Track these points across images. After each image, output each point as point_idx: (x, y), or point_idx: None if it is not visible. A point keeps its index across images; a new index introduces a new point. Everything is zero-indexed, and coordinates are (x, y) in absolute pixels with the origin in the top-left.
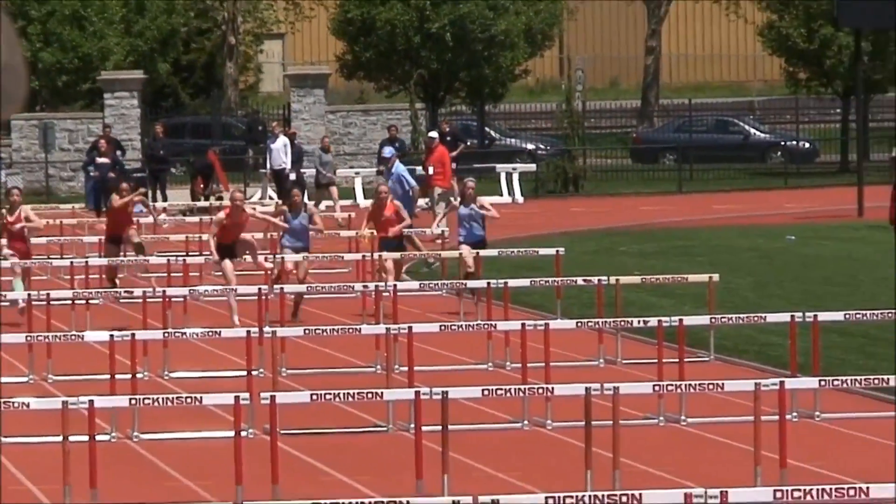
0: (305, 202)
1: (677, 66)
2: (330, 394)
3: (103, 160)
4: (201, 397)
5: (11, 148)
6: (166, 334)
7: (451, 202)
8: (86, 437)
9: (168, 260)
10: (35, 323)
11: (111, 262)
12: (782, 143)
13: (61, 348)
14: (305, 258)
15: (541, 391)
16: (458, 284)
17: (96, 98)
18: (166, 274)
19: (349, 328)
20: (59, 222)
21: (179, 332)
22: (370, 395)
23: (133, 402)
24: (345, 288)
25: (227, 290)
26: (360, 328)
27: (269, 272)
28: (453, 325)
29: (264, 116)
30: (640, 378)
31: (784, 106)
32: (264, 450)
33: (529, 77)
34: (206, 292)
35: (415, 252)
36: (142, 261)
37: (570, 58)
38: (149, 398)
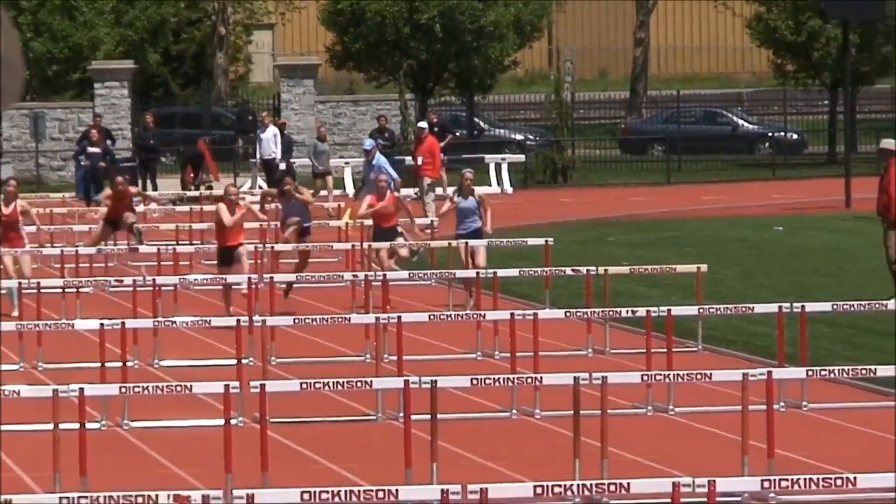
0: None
1: (666, 57)
2: (319, 382)
3: (94, 150)
4: (191, 386)
5: (2, 137)
6: (156, 323)
7: (451, 199)
8: (76, 425)
9: (158, 249)
10: (26, 311)
11: (100, 236)
12: (770, 134)
13: (52, 336)
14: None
15: (529, 380)
16: (447, 274)
17: (87, 88)
18: (156, 263)
19: (339, 317)
20: (50, 211)
21: (169, 321)
22: (359, 384)
23: (123, 390)
24: (334, 277)
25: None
26: (350, 317)
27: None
28: (442, 314)
29: (254, 106)
30: (628, 368)
31: (772, 97)
32: (254, 438)
33: (518, 68)
34: (196, 281)
35: (403, 243)
36: (134, 245)
37: (559, 49)
38: (139, 386)
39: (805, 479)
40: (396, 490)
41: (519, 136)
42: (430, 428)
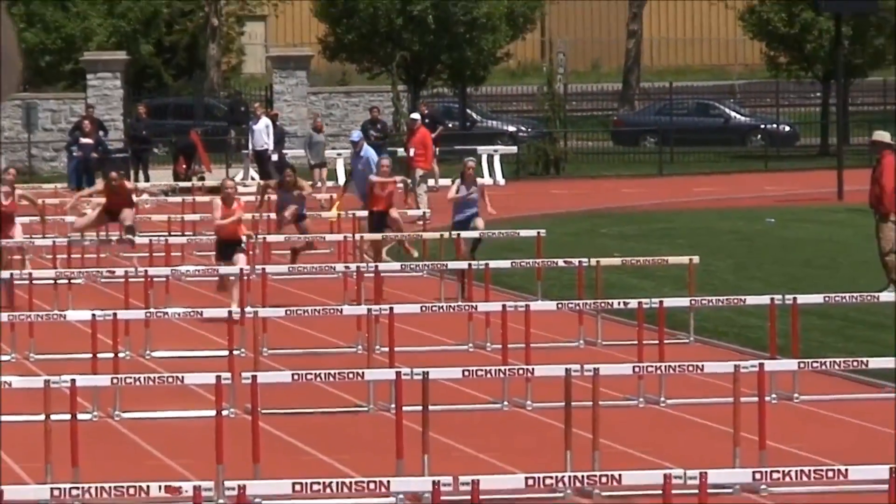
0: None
1: (658, 49)
2: (311, 374)
3: (86, 140)
4: (183, 377)
5: (1, 130)
6: (148, 314)
7: (454, 193)
8: (68, 416)
9: (150, 240)
10: (17, 302)
11: (94, 223)
12: (762, 126)
13: (43, 327)
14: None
15: (521, 372)
16: (439, 266)
17: (79, 79)
18: (148, 254)
19: (330, 309)
20: (42, 202)
21: (161, 312)
22: (351, 376)
23: (115, 381)
24: (326, 269)
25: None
26: (342, 308)
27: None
28: (434, 305)
29: (246, 98)
30: (620, 359)
31: (764, 89)
32: (245, 429)
33: (511, 60)
34: (188, 272)
35: (395, 234)
36: (126, 240)
37: (551, 41)
38: (130, 377)
39: (797, 471)
40: (388, 481)
41: (511, 128)
42: (422, 419)
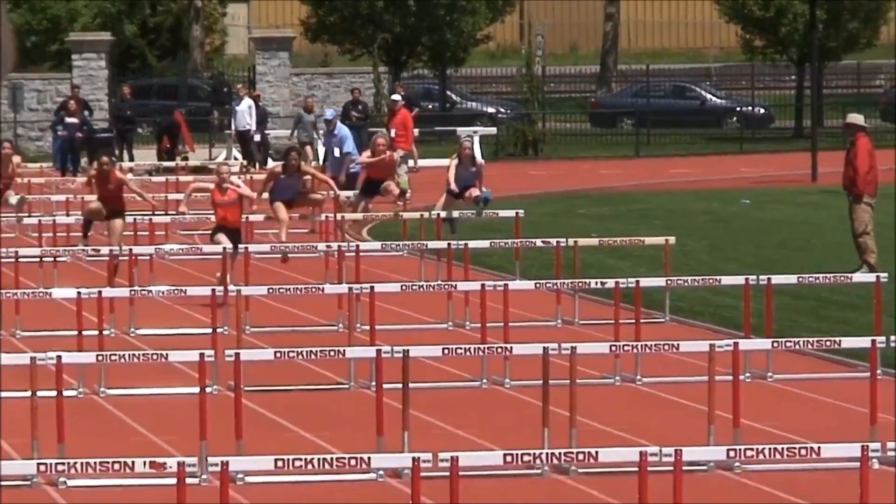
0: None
1: (636, 32)
2: (293, 351)
3: (71, 120)
4: (167, 354)
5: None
6: (132, 292)
7: (452, 174)
8: (54, 393)
9: (134, 219)
10: (3, 280)
11: (96, 213)
12: (738, 108)
13: (29, 305)
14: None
15: (499, 350)
16: (419, 245)
17: (65, 59)
18: (133, 233)
19: (312, 287)
20: (28, 181)
21: (145, 290)
22: (332, 353)
23: (100, 358)
24: (308, 248)
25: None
26: (323, 287)
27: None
28: (414, 284)
29: (229, 78)
30: (596, 338)
31: (740, 72)
32: (228, 406)
33: (490, 42)
34: (172, 251)
35: (379, 214)
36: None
37: (530, 23)
38: (115, 355)
39: (770, 449)
40: (369, 458)
41: (490, 109)
42: (402, 397)
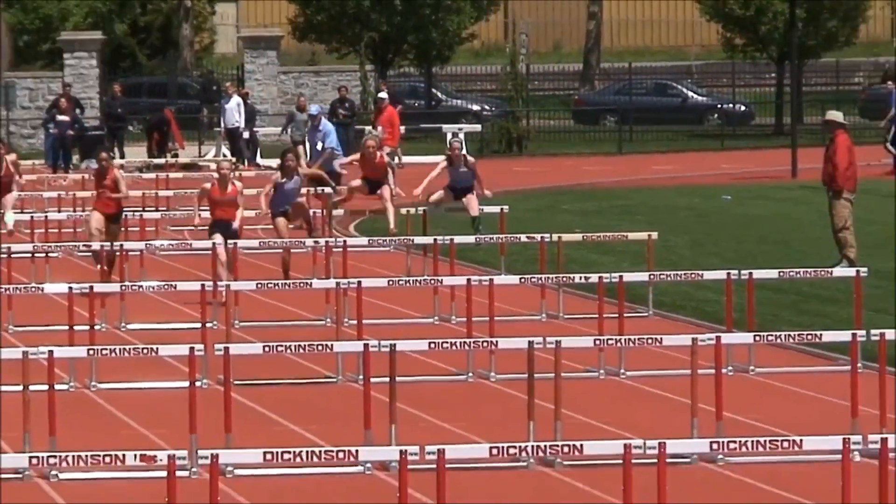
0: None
1: (618, 30)
2: (282, 346)
3: (63, 118)
4: (157, 348)
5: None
6: (123, 287)
7: (435, 172)
8: (45, 387)
9: (125, 216)
10: None
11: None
12: (719, 105)
13: (21, 300)
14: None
15: (485, 344)
16: (406, 241)
17: (56, 58)
18: (124, 229)
19: (300, 282)
20: (22, 178)
21: (136, 286)
22: (320, 348)
23: (91, 352)
24: (296, 243)
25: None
26: (311, 282)
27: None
28: (401, 279)
29: (218, 77)
30: (581, 332)
31: (721, 70)
32: (218, 400)
33: (475, 41)
34: (162, 247)
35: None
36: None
37: (514, 22)
38: (106, 349)
39: (752, 441)
40: (356, 450)
41: (475, 107)
42: (389, 390)
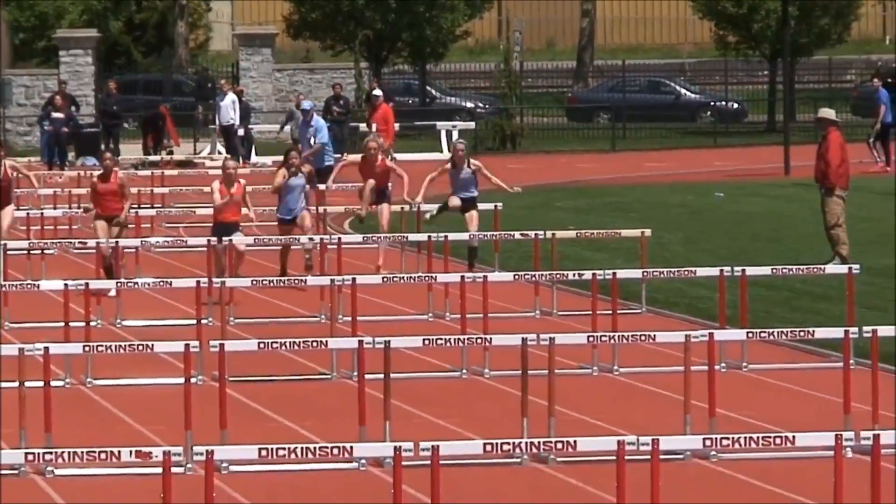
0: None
1: (611, 28)
2: (276, 342)
3: (58, 115)
4: (152, 345)
5: None
6: (119, 284)
7: (435, 173)
8: (41, 383)
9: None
10: None
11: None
12: (712, 103)
13: (17, 297)
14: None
15: (479, 341)
16: (400, 238)
17: (52, 55)
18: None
19: (295, 279)
20: (16, 175)
21: (132, 282)
22: (315, 344)
23: (87, 349)
24: (291, 241)
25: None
26: (306, 279)
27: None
28: (395, 276)
29: (213, 74)
30: (574, 329)
31: (714, 68)
32: (213, 396)
33: (469, 38)
34: (157, 244)
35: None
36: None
37: (508, 20)
38: (102, 345)
39: (745, 438)
40: (351, 447)
41: (469, 104)
42: (384, 387)
